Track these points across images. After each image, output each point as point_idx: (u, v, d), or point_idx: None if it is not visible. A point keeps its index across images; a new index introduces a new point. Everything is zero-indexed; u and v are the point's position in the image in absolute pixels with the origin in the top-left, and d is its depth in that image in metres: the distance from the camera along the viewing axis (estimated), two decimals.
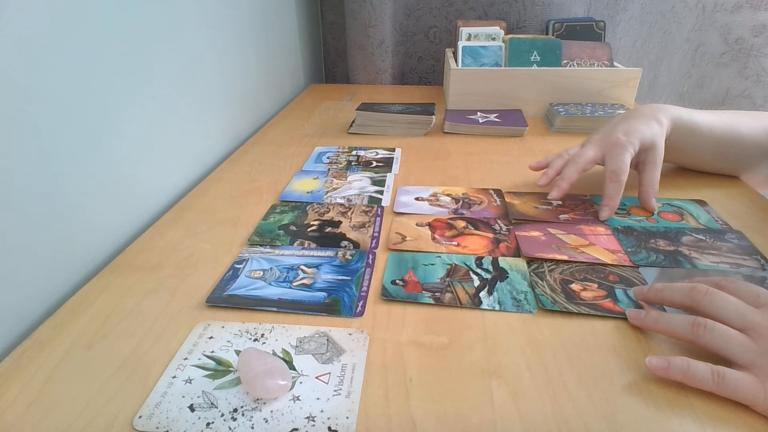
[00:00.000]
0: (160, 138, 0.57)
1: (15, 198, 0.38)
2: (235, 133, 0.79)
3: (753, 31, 1.08)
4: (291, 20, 1.04)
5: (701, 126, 0.57)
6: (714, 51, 1.13)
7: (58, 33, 0.41)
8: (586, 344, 0.36)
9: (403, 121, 0.81)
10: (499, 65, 0.93)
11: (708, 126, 0.57)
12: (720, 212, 0.53)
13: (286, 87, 1.05)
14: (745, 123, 0.58)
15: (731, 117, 0.58)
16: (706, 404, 0.30)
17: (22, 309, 0.40)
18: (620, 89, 0.89)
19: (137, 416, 0.30)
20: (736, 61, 1.12)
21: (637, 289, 0.40)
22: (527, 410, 0.30)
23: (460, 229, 0.51)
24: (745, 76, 1.12)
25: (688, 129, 0.57)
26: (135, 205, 0.54)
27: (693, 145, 0.58)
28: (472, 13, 1.13)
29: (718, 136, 0.57)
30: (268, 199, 0.59)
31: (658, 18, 1.12)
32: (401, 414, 0.30)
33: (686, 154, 0.60)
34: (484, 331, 0.37)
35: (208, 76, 0.69)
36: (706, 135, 0.57)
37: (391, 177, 0.64)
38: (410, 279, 0.43)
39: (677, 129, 0.56)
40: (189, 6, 0.63)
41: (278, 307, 0.40)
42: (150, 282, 0.44)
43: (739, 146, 0.58)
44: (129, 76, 0.51)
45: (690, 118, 0.57)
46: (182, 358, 0.35)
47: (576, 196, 0.57)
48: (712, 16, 1.10)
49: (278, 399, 0.32)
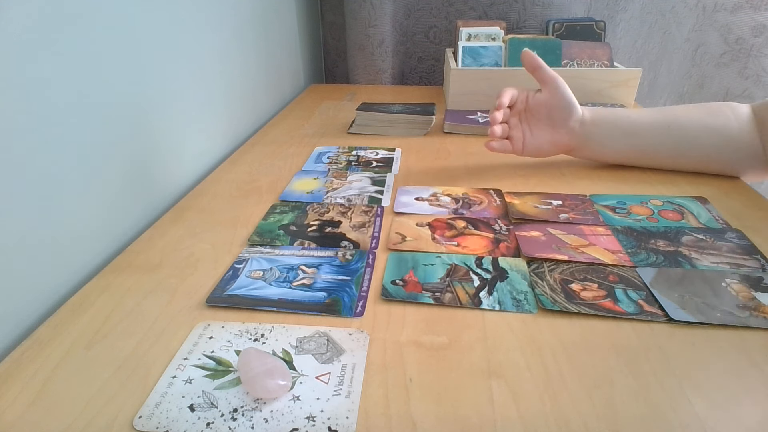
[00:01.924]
0: (159, 138, 0.57)
1: (15, 198, 0.38)
2: (235, 133, 0.79)
3: (753, 31, 1.08)
4: (291, 20, 1.04)
5: (628, 114, 0.61)
6: (714, 51, 1.13)
7: (56, 33, 0.41)
8: (586, 344, 0.36)
9: (403, 121, 0.81)
10: (499, 65, 0.93)
11: (636, 113, 0.61)
12: (720, 211, 0.53)
13: (286, 87, 1.05)
14: (679, 106, 0.62)
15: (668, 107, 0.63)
16: (706, 404, 0.31)
17: (22, 309, 0.40)
18: (620, 89, 0.89)
19: (137, 416, 0.30)
20: (736, 61, 1.12)
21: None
22: (527, 410, 0.30)
23: (460, 229, 0.51)
24: (745, 76, 1.12)
25: (610, 115, 0.61)
26: (134, 206, 0.54)
27: (621, 132, 0.61)
28: (472, 13, 1.13)
29: (652, 118, 0.60)
30: (268, 199, 0.59)
31: (658, 18, 1.12)
32: (401, 414, 0.30)
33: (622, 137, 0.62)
34: (484, 331, 0.37)
35: (208, 76, 0.69)
36: (633, 119, 0.61)
37: (391, 177, 0.64)
38: (410, 279, 0.43)
39: (597, 114, 0.61)
40: (189, 6, 0.63)
41: (278, 307, 0.40)
42: (150, 282, 0.44)
43: (678, 126, 0.59)
44: (128, 77, 0.51)
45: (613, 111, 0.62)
46: (182, 358, 0.35)
47: (576, 196, 0.57)
48: (712, 16, 1.10)
49: (278, 399, 0.32)
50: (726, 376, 0.33)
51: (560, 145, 0.62)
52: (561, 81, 0.59)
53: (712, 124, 0.58)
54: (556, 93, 0.59)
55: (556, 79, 0.59)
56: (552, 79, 0.59)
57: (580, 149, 0.62)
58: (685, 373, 0.33)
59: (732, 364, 0.34)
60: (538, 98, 0.60)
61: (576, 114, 0.60)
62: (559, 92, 0.59)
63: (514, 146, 0.62)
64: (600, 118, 0.61)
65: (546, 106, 0.60)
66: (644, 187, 0.60)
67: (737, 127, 0.58)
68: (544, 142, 0.61)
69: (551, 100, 0.59)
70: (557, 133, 0.61)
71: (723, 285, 0.41)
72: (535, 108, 0.61)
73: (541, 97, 0.60)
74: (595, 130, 0.61)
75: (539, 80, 0.60)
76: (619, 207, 0.55)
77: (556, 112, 0.60)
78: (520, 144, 0.62)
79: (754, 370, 0.33)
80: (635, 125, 0.60)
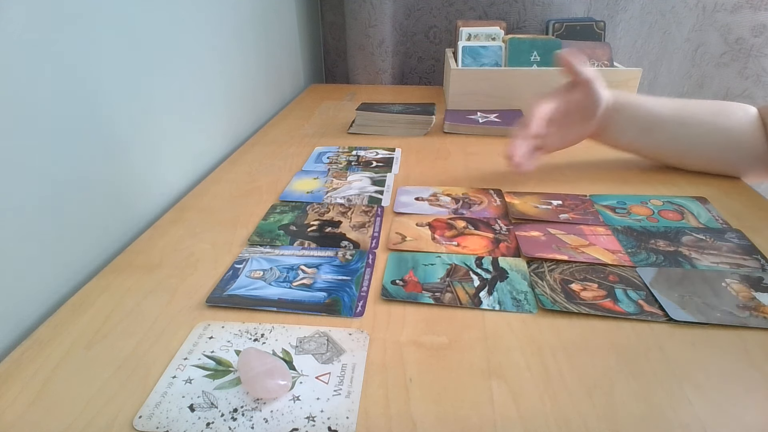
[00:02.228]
0: (159, 138, 0.57)
1: (15, 197, 0.38)
2: (235, 133, 0.79)
3: (753, 31, 1.08)
4: (291, 20, 1.04)
5: (647, 106, 0.60)
6: (714, 51, 1.13)
7: (55, 32, 0.41)
8: (586, 344, 0.36)
9: (403, 121, 0.81)
10: (499, 65, 0.93)
11: (654, 104, 0.60)
12: (720, 211, 0.53)
13: (286, 87, 1.05)
14: (695, 102, 0.60)
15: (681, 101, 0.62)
16: (706, 404, 0.31)
17: (22, 309, 0.40)
18: (620, 89, 0.89)
19: (137, 416, 0.30)
20: (736, 61, 1.12)
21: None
22: (527, 410, 0.30)
23: (460, 229, 0.51)
24: (745, 76, 1.12)
25: (632, 103, 0.60)
26: (135, 206, 0.54)
27: (644, 123, 0.60)
28: (472, 13, 1.13)
29: (669, 113, 0.59)
30: (268, 199, 0.59)
31: (658, 18, 1.12)
32: (401, 414, 0.30)
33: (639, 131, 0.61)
34: (484, 331, 0.37)
35: (208, 76, 0.69)
36: (652, 110, 0.60)
37: (391, 177, 0.64)
38: (410, 279, 0.43)
39: (620, 102, 0.60)
40: (189, 6, 0.63)
41: (278, 307, 0.40)
42: (150, 282, 0.44)
43: (692, 125, 0.59)
44: (129, 77, 0.51)
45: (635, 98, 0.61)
46: (182, 358, 0.35)
47: (576, 196, 0.57)
48: (712, 16, 1.10)
49: (278, 399, 0.32)
50: (726, 376, 0.33)
51: (586, 135, 0.61)
52: (597, 79, 0.57)
53: (726, 126, 0.58)
54: (591, 92, 0.57)
55: (593, 80, 0.57)
56: (589, 80, 0.57)
57: (600, 135, 0.62)
58: (685, 373, 0.33)
59: (732, 364, 0.34)
60: (571, 98, 0.58)
61: (603, 103, 0.58)
62: (594, 90, 0.57)
63: (544, 151, 0.61)
64: (621, 104, 0.59)
65: (580, 105, 0.58)
66: (644, 187, 0.60)
67: (748, 130, 0.58)
68: (572, 136, 0.61)
69: (585, 100, 0.58)
70: (585, 127, 0.60)
71: (723, 285, 0.41)
72: (568, 108, 0.59)
73: (575, 97, 0.58)
74: (616, 117, 0.60)
75: (576, 82, 0.58)
76: (619, 207, 0.55)
77: (589, 108, 0.58)
78: (550, 148, 0.61)
79: (754, 370, 0.33)
80: (652, 120, 0.59)
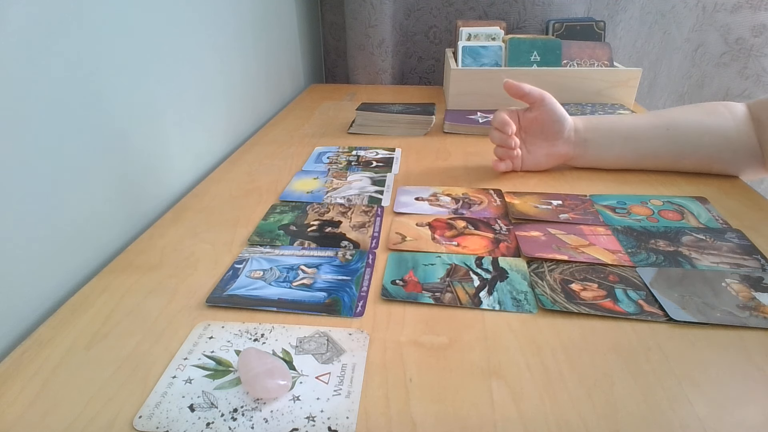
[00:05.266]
0: (160, 138, 0.57)
1: (15, 197, 0.38)
2: (235, 133, 0.79)
3: (753, 31, 1.08)
4: (291, 20, 1.04)
5: (623, 119, 0.63)
6: (714, 51, 1.13)
7: (55, 32, 0.41)
8: (586, 344, 0.36)
9: (403, 121, 0.81)
10: (499, 65, 0.93)
11: (632, 118, 0.63)
12: (720, 211, 0.53)
13: (286, 87, 1.05)
14: (677, 108, 0.62)
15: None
16: (706, 404, 0.31)
17: (22, 309, 0.40)
18: (620, 89, 0.89)
19: (137, 416, 0.30)
20: (736, 61, 1.12)
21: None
22: (527, 410, 0.30)
23: (460, 229, 0.51)
24: (745, 76, 1.12)
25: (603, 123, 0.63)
26: (135, 206, 0.54)
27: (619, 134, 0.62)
28: (472, 13, 1.13)
29: (649, 121, 0.61)
30: (268, 199, 0.59)
31: (658, 18, 1.12)
32: (401, 414, 0.30)
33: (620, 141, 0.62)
34: (484, 331, 0.37)
35: (208, 76, 0.69)
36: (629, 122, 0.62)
37: (391, 177, 0.64)
38: (410, 279, 0.43)
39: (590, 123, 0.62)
40: (189, 6, 0.63)
41: (278, 307, 0.40)
42: (150, 282, 0.44)
43: (676, 128, 0.60)
44: (129, 77, 0.51)
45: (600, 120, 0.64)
46: (182, 358, 0.35)
47: (576, 196, 0.57)
48: (712, 16, 1.10)
49: (278, 399, 0.32)
50: (726, 376, 0.33)
51: (558, 156, 0.63)
52: (548, 97, 0.59)
53: (710, 124, 0.59)
54: (544, 109, 0.60)
55: (543, 97, 0.59)
56: (539, 98, 0.59)
57: (579, 157, 0.63)
58: (685, 373, 0.33)
59: (732, 364, 0.34)
60: (528, 116, 0.61)
61: (568, 124, 0.61)
62: (547, 108, 0.59)
63: (513, 164, 0.64)
64: (594, 125, 0.62)
65: (538, 123, 0.61)
66: (644, 187, 0.60)
67: (734, 126, 0.58)
68: (541, 156, 0.63)
69: (541, 116, 0.60)
70: (553, 146, 0.62)
71: (723, 285, 0.41)
72: (527, 126, 0.62)
73: (531, 114, 0.61)
74: (593, 136, 0.62)
75: (527, 102, 0.60)
76: (619, 207, 0.55)
77: (548, 126, 0.61)
78: (519, 161, 0.64)
79: (754, 370, 0.33)
80: (633, 129, 0.61)
